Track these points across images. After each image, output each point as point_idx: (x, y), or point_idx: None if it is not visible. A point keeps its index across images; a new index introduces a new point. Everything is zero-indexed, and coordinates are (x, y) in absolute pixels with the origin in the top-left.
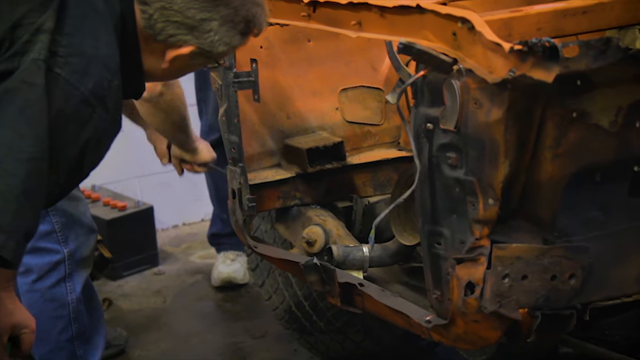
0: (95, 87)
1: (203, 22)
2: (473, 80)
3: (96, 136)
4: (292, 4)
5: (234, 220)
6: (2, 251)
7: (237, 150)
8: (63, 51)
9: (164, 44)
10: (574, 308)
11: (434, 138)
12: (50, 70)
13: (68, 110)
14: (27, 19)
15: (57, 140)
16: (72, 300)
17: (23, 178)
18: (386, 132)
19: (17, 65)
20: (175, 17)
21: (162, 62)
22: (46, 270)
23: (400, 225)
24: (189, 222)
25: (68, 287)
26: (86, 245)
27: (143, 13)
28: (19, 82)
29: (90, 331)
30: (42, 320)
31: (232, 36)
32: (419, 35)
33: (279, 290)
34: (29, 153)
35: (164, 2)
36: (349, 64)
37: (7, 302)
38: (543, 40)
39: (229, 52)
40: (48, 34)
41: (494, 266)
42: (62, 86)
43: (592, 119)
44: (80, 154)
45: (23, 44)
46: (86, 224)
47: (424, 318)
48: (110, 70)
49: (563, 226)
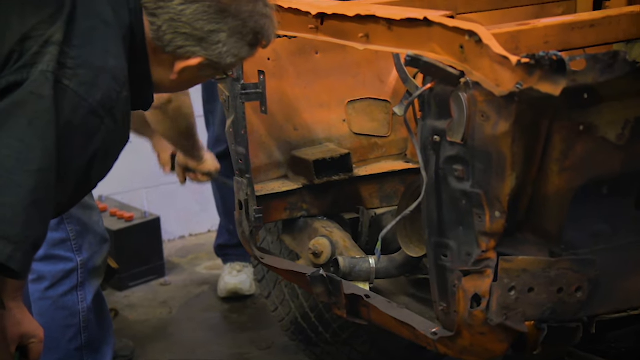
0: (104, 98)
1: (211, 34)
2: (480, 93)
3: (104, 147)
4: (300, 17)
5: (240, 232)
6: (9, 262)
7: (244, 161)
8: (71, 63)
9: (172, 55)
10: (580, 321)
11: (441, 150)
12: (58, 82)
13: (76, 122)
14: (36, 31)
15: (66, 151)
16: (83, 309)
17: (31, 189)
18: (393, 144)
19: (26, 77)
20: (184, 29)
21: (171, 73)
22: (59, 278)
23: (406, 237)
24: (195, 233)
25: (80, 295)
26: (99, 255)
27: (152, 25)
28: (28, 94)
29: (99, 341)
30: (52, 328)
31: (241, 48)
32: (427, 48)
33: (285, 301)
34: (37, 164)
35: (172, 13)
36: (356, 76)
37: (16, 311)
38: (550, 54)
39: (238, 63)
40: (57, 46)
41: (501, 278)
42: (70, 98)
43: (599, 132)
44: (89, 165)
45: (32, 56)
46: (99, 233)
47: (430, 330)
48: (118, 82)
49: (570, 239)
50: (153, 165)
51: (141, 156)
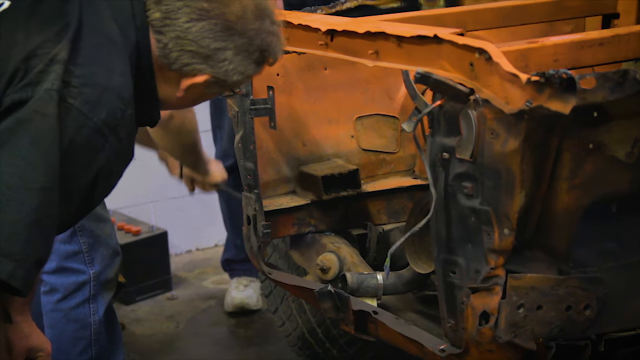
0: (108, 116)
1: (217, 52)
2: (490, 110)
3: (108, 166)
4: (310, 33)
5: (248, 247)
6: (10, 279)
7: (252, 176)
8: (76, 81)
9: (178, 72)
10: (588, 339)
11: (450, 167)
12: (63, 101)
13: (80, 140)
14: (41, 49)
15: (69, 169)
16: (94, 322)
17: (34, 207)
18: (401, 160)
19: (30, 95)
20: (190, 47)
21: (177, 90)
22: (71, 290)
23: (414, 254)
24: (202, 247)
25: (92, 308)
26: (111, 268)
27: (158, 42)
28: (32, 112)
29: (108, 354)
30: (62, 340)
31: (247, 65)
32: (436, 65)
33: (292, 316)
34: (40, 183)
35: (178, 31)
36: (365, 92)
37: (23, 325)
38: (560, 72)
39: (244, 81)
40: (62, 65)
41: (509, 296)
42: (74, 116)
43: (609, 151)
44: (92, 183)
45: (37, 74)
46: (112, 246)
47: (437, 347)
48: (123, 100)
49: (578, 257)
50: (161, 179)
51: (149, 170)
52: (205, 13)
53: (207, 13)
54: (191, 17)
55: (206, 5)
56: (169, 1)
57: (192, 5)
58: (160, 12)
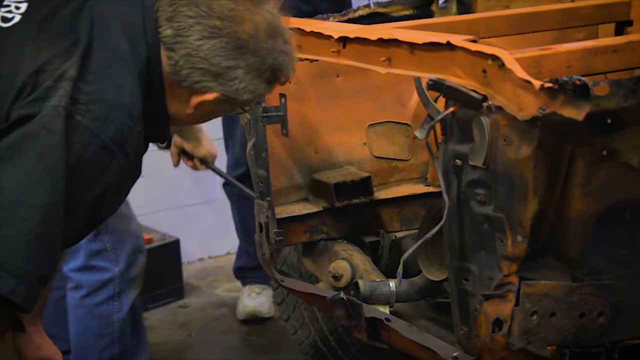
0: (116, 134)
1: (228, 70)
2: (503, 117)
3: (115, 183)
4: (322, 40)
5: (260, 254)
6: (11, 295)
7: (264, 184)
8: (84, 98)
9: (188, 89)
10: (602, 346)
11: (463, 174)
12: (70, 117)
13: (87, 157)
14: (50, 65)
15: (75, 186)
16: (118, 320)
17: (37, 223)
18: (413, 168)
19: (38, 111)
20: (201, 64)
21: (187, 107)
22: (96, 287)
23: (427, 261)
24: (214, 255)
25: (115, 306)
26: (135, 265)
27: (169, 59)
28: (39, 128)
29: (132, 353)
30: (86, 336)
31: (258, 84)
32: (449, 72)
33: (304, 324)
34: (44, 199)
35: (190, 48)
36: (377, 99)
37: (35, 336)
38: (574, 79)
39: (254, 99)
40: (70, 82)
41: (522, 303)
42: (82, 133)
43: (622, 157)
44: (99, 200)
45: (45, 90)
46: (137, 243)
47: (451, 354)
48: (132, 117)
49: (592, 264)
50: (173, 187)
51: (161, 178)
52: (217, 31)
53: (219, 31)
54: (203, 35)
55: (218, 23)
56: (181, 18)
57: (204, 23)
58: (172, 29)
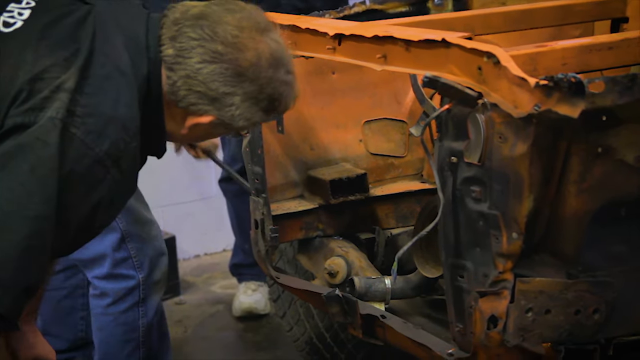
0: (111, 148)
1: (225, 96)
2: (498, 114)
3: (109, 197)
4: (317, 37)
5: (256, 251)
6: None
7: (260, 181)
8: (81, 111)
9: (185, 110)
10: (597, 343)
11: (458, 171)
12: (66, 130)
13: (80, 170)
14: (48, 73)
15: (68, 198)
16: (143, 325)
17: (25, 235)
18: (409, 165)
19: (33, 121)
20: (198, 87)
21: (182, 128)
22: (121, 295)
23: (422, 258)
24: (210, 252)
25: (140, 311)
26: (158, 269)
27: (168, 78)
28: (34, 139)
29: (157, 355)
30: (111, 344)
31: (254, 113)
32: (444, 69)
33: (300, 321)
34: (35, 211)
35: (189, 70)
36: (372, 96)
37: (29, 335)
38: (569, 76)
39: (250, 127)
40: (68, 93)
41: (517, 300)
42: (76, 146)
43: (617, 155)
44: (91, 213)
45: (42, 100)
46: (158, 247)
47: (446, 351)
48: (128, 132)
49: (587, 261)
50: (169, 184)
51: (157, 175)
52: (219, 56)
53: (221, 57)
54: (204, 59)
55: (220, 48)
56: (184, 39)
57: (206, 47)
58: (174, 49)
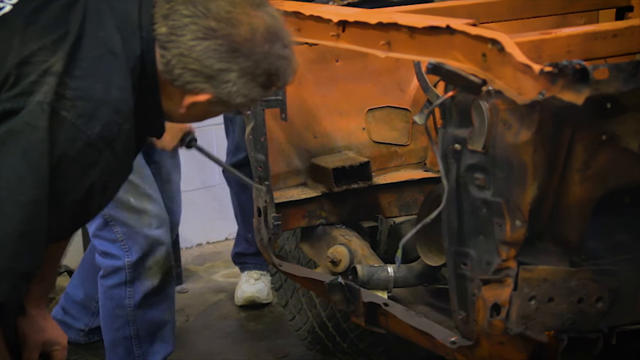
0: (103, 130)
1: (221, 72)
2: (502, 101)
3: (103, 179)
4: (321, 24)
5: (259, 239)
6: None
7: (263, 168)
8: (70, 94)
9: (181, 89)
10: (600, 331)
11: (462, 159)
12: (55, 113)
13: (72, 154)
14: (35, 57)
15: (61, 182)
16: (130, 305)
17: (20, 221)
18: (412, 153)
19: (22, 106)
20: (193, 65)
21: (180, 107)
22: (109, 271)
23: (425, 246)
24: (213, 240)
25: (128, 292)
26: (151, 256)
27: (162, 57)
28: (23, 124)
29: (151, 337)
30: (104, 312)
31: (252, 88)
32: (448, 56)
33: (302, 310)
34: (28, 196)
35: (183, 48)
36: (376, 84)
37: (39, 319)
38: (573, 63)
39: (249, 103)
40: (55, 77)
41: (521, 288)
42: (67, 129)
43: (622, 142)
44: (86, 196)
45: (30, 84)
46: (150, 235)
47: (448, 339)
48: (121, 114)
49: (590, 249)
50: None
51: None
52: (212, 32)
53: (214, 33)
54: (197, 36)
55: (214, 24)
56: (176, 17)
57: (199, 24)
58: (166, 27)
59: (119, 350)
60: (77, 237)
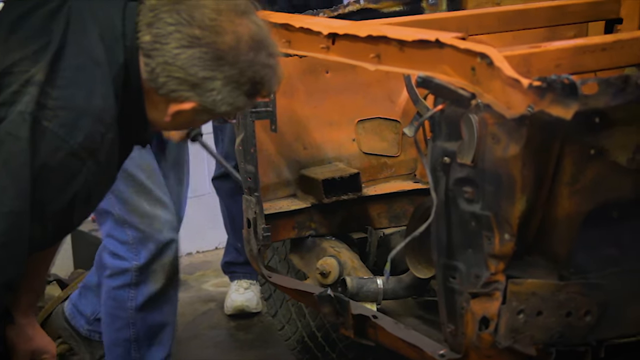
0: (86, 140)
1: (205, 81)
2: (491, 115)
3: (86, 189)
4: (311, 36)
5: (248, 250)
6: None
7: (253, 179)
8: (52, 104)
9: (166, 97)
10: (589, 345)
11: (451, 172)
12: (37, 123)
13: (54, 164)
14: (17, 67)
15: (43, 192)
16: (131, 307)
17: (2, 231)
18: (402, 164)
19: (3, 116)
20: (177, 73)
21: (165, 115)
22: (115, 272)
23: (414, 258)
24: (203, 250)
25: (130, 294)
26: (158, 260)
27: (146, 66)
28: (4, 134)
29: (150, 341)
30: (105, 312)
31: (236, 97)
32: (438, 70)
33: (291, 320)
34: (9, 206)
35: (167, 57)
36: (366, 95)
37: (27, 328)
38: (562, 77)
39: (233, 112)
40: (37, 87)
41: (509, 301)
42: (49, 139)
43: (610, 156)
44: (69, 206)
45: (11, 95)
46: (161, 240)
47: (437, 352)
48: (104, 123)
49: (579, 263)
50: None
51: None
52: (196, 41)
53: (198, 41)
54: (181, 44)
55: (198, 32)
56: (161, 25)
57: (183, 32)
58: (150, 35)
59: (118, 350)
60: (67, 246)
